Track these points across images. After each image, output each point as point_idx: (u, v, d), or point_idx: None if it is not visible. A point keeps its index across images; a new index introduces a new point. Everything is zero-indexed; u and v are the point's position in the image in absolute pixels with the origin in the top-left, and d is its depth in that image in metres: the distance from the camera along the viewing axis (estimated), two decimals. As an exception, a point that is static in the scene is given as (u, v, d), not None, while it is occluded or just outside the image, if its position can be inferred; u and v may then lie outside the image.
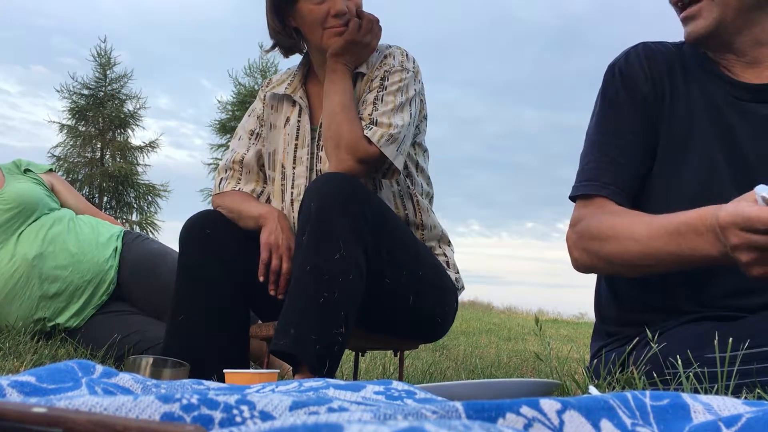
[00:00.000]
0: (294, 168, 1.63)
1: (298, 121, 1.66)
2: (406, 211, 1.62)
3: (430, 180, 1.72)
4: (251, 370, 1.17)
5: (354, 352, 1.83)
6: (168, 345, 1.53)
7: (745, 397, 0.92)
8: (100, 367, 0.82)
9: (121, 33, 32.41)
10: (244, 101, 14.59)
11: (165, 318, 1.68)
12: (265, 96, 1.76)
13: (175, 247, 2.33)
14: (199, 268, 1.55)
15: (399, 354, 1.71)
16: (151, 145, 14.77)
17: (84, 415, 0.45)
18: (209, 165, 15.23)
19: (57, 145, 13.97)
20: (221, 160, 1.79)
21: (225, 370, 1.16)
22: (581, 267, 1.23)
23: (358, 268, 1.31)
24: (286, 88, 1.69)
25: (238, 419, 0.56)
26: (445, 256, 1.67)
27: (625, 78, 1.27)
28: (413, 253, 1.49)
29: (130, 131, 14.54)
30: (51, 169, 2.47)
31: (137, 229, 13.05)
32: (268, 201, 1.71)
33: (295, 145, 1.64)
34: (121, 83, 14.55)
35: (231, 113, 14.94)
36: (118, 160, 14.21)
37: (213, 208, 1.71)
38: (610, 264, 1.18)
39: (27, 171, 2.36)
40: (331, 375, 1.26)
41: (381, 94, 1.54)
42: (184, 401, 0.56)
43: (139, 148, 14.60)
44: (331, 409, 0.61)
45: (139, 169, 14.31)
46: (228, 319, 1.56)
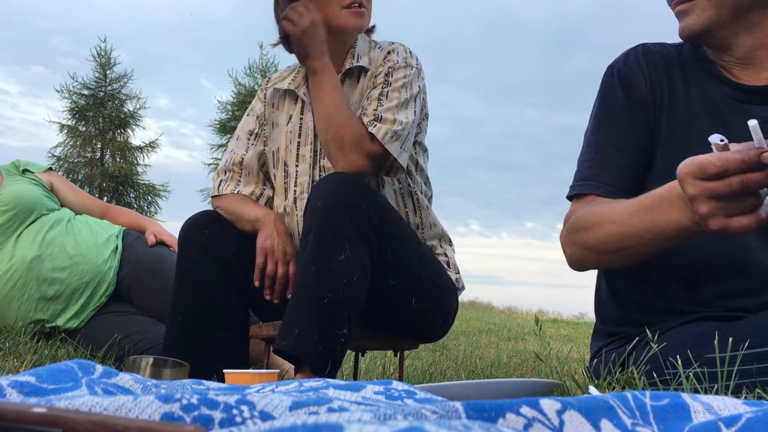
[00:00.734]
0: (297, 166, 1.63)
1: (301, 118, 1.65)
2: (406, 209, 1.62)
3: (429, 180, 1.72)
4: (251, 370, 1.17)
5: (354, 352, 1.83)
6: (168, 345, 1.53)
7: (745, 397, 0.92)
8: (100, 367, 0.82)
9: (121, 33, 32.46)
10: (244, 101, 14.59)
11: (165, 318, 1.68)
12: (265, 94, 1.75)
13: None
14: (198, 268, 1.55)
15: (399, 354, 1.71)
16: (151, 145, 14.78)
17: (84, 415, 0.45)
18: (209, 165, 15.23)
19: (57, 145, 14.00)
20: (220, 160, 1.79)
21: (225, 370, 1.16)
22: (573, 262, 1.23)
23: (363, 269, 1.30)
24: (289, 83, 1.68)
25: (238, 419, 0.56)
26: (446, 256, 1.67)
27: (624, 80, 1.27)
28: (417, 254, 1.49)
29: (130, 131, 14.57)
30: (50, 168, 2.45)
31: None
32: (268, 203, 1.71)
33: (298, 142, 1.64)
34: (121, 83, 14.57)
35: (231, 113, 14.94)
36: (118, 160, 14.23)
37: (212, 209, 1.70)
38: (596, 252, 1.17)
39: (25, 171, 2.35)
40: (333, 375, 1.26)
41: (386, 90, 1.53)
42: (184, 401, 0.56)
43: (139, 148, 14.62)
44: (331, 409, 0.61)
45: (139, 169, 14.33)
46: (228, 319, 1.56)
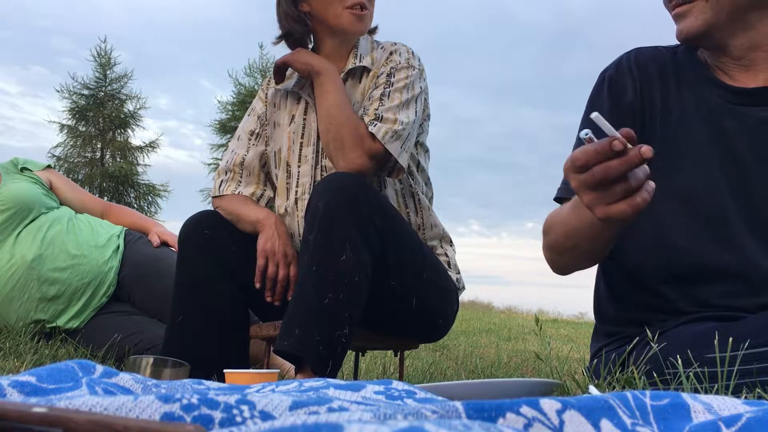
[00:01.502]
0: (299, 166, 1.63)
1: (304, 118, 1.65)
2: (407, 209, 1.62)
3: (430, 180, 1.72)
4: (251, 370, 1.17)
5: (354, 352, 1.83)
6: (168, 345, 1.53)
7: (745, 397, 0.92)
8: (100, 367, 0.82)
9: (120, 33, 32.36)
10: (244, 101, 14.58)
11: (165, 318, 1.68)
12: (266, 94, 1.75)
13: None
14: (198, 268, 1.55)
15: (399, 354, 1.71)
16: (151, 145, 14.77)
17: (84, 415, 0.45)
18: (209, 165, 15.22)
19: (57, 145, 13.98)
20: (221, 161, 1.79)
21: (225, 370, 1.16)
22: (550, 265, 1.26)
23: (364, 270, 1.30)
24: (294, 84, 1.68)
25: (239, 419, 0.56)
26: (447, 257, 1.67)
27: (613, 86, 1.28)
28: (417, 254, 1.49)
29: (130, 131, 14.55)
30: (49, 166, 2.45)
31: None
32: (268, 203, 1.71)
33: (301, 143, 1.64)
34: (121, 83, 14.55)
35: (231, 113, 14.93)
36: (119, 160, 14.22)
37: (213, 209, 1.70)
38: (558, 254, 1.20)
39: (24, 170, 2.34)
40: (333, 375, 1.26)
41: (388, 90, 1.53)
42: (185, 401, 0.56)
43: (139, 148, 14.61)
44: (331, 409, 0.61)
45: (139, 169, 14.31)
46: (228, 319, 1.56)
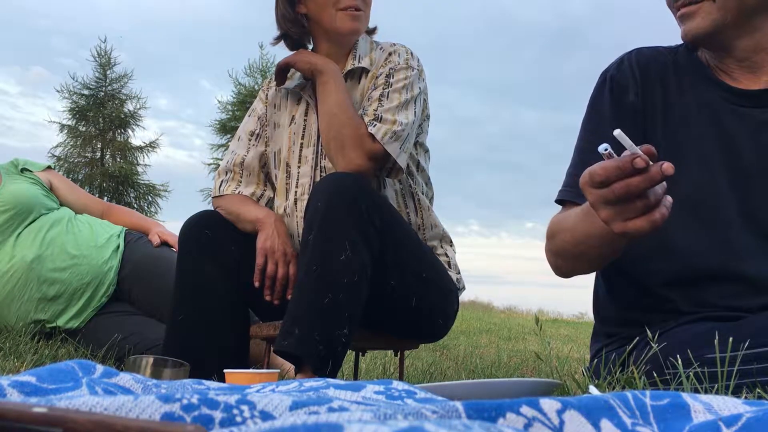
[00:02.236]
0: (299, 167, 1.63)
1: (305, 119, 1.65)
2: (407, 210, 1.62)
3: (430, 180, 1.72)
4: (251, 370, 1.17)
5: (354, 352, 1.83)
6: (168, 345, 1.53)
7: (746, 397, 0.92)
8: (100, 367, 0.82)
9: (120, 33, 32.50)
10: (244, 101, 14.59)
11: (165, 318, 1.68)
12: (266, 95, 1.75)
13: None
14: (198, 268, 1.55)
15: (399, 354, 1.71)
16: (151, 146, 14.78)
17: (84, 415, 0.45)
18: (209, 165, 15.23)
19: (57, 146, 14.01)
20: (221, 161, 1.79)
21: (225, 370, 1.16)
22: (553, 269, 1.26)
23: (364, 270, 1.30)
24: (296, 85, 1.68)
25: (239, 419, 0.56)
26: (447, 257, 1.67)
27: (615, 86, 1.27)
28: (417, 254, 1.49)
29: (130, 131, 14.57)
30: (49, 167, 2.44)
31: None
32: (268, 203, 1.71)
33: (301, 143, 1.64)
34: (121, 83, 14.57)
35: (231, 113, 14.94)
36: (119, 160, 14.23)
37: (213, 209, 1.70)
38: (564, 259, 1.20)
39: (24, 170, 2.34)
40: (333, 375, 1.26)
41: (387, 91, 1.53)
42: (185, 401, 0.56)
43: (139, 148, 14.62)
44: (331, 409, 0.61)
45: (139, 169, 14.32)
46: (228, 319, 1.56)
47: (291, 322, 1.27)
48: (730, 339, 1.00)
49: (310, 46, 1.71)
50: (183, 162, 25.62)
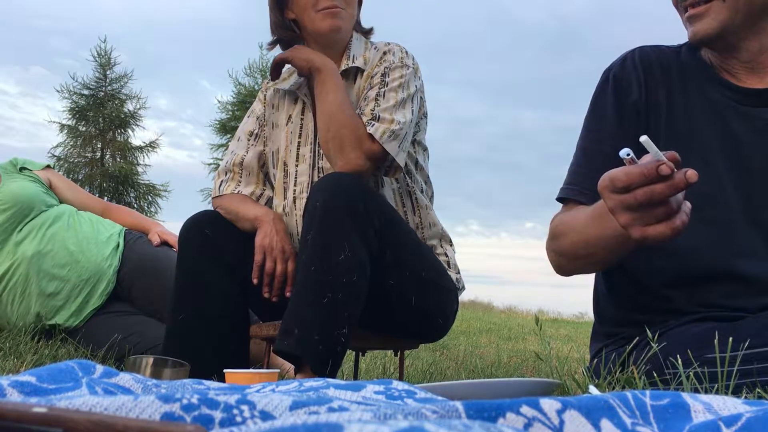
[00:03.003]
0: (297, 166, 1.63)
1: (301, 118, 1.65)
2: (405, 209, 1.62)
3: (429, 179, 1.72)
4: (251, 370, 1.17)
5: (354, 352, 1.83)
6: (168, 345, 1.53)
7: (746, 397, 0.92)
8: (100, 367, 0.82)
9: (120, 34, 32.45)
10: (244, 101, 14.60)
11: (165, 318, 1.68)
12: (265, 96, 1.76)
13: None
14: (198, 267, 1.55)
15: (399, 354, 1.71)
16: (151, 145, 14.79)
17: (84, 415, 0.45)
18: (209, 165, 15.24)
19: (57, 145, 14.01)
20: (221, 161, 1.79)
21: (225, 370, 1.16)
22: (554, 268, 1.26)
23: (363, 269, 1.31)
24: (292, 85, 1.68)
25: (239, 419, 0.56)
26: (446, 256, 1.67)
27: (618, 84, 1.27)
28: (416, 253, 1.49)
29: (130, 131, 14.57)
30: (49, 166, 2.45)
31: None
32: (268, 203, 1.71)
33: (298, 142, 1.64)
34: (121, 83, 14.58)
35: (231, 113, 14.95)
36: (119, 160, 14.23)
37: (213, 209, 1.71)
38: (568, 259, 1.20)
39: (23, 169, 2.35)
40: (333, 375, 1.26)
41: (383, 90, 1.53)
42: (185, 401, 0.56)
43: (139, 148, 14.63)
44: (331, 409, 0.61)
45: (139, 169, 14.33)
46: (228, 319, 1.56)
47: (290, 322, 1.27)
48: (730, 339, 1.00)
49: None
50: (183, 162, 25.63)
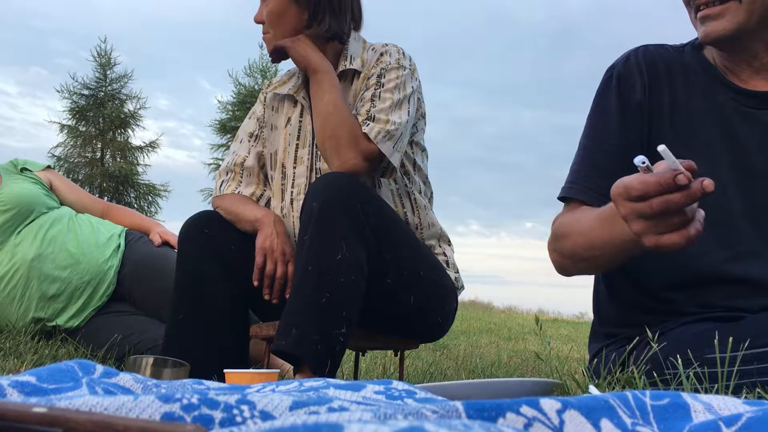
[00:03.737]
0: (294, 168, 1.63)
1: (300, 121, 1.66)
2: (404, 209, 1.62)
3: (428, 179, 1.72)
4: (251, 370, 1.17)
5: (354, 352, 1.83)
6: (168, 345, 1.53)
7: (746, 397, 0.92)
8: (100, 367, 0.82)
9: (119, 34, 32.47)
10: (244, 101, 14.60)
11: (165, 318, 1.68)
12: (265, 98, 1.76)
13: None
14: (198, 267, 1.55)
15: (399, 354, 1.71)
16: (152, 146, 14.79)
17: (84, 415, 0.45)
18: (209, 165, 15.24)
19: (57, 146, 14.02)
20: (222, 161, 1.80)
21: (225, 370, 1.16)
22: (557, 268, 1.25)
23: (360, 269, 1.31)
24: (289, 89, 1.69)
25: (239, 419, 0.56)
26: (445, 256, 1.67)
27: (621, 83, 1.26)
28: (414, 252, 1.49)
29: (130, 131, 14.57)
30: (49, 166, 2.44)
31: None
32: (268, 204, 1.71)
33: (296, 144, 1.64)
34: (121, 83, 14.58)
35: (231, 113, 14.95)
36: (119, 160, 14.23)
37: (213, 209, 1.71)
38: (572, 261, 1.20)
39: (24, 170, 2.34)
40: (332, 375, 1.26)
41: (378, 91, 1.53)
42: (185, 401, 0.56)
43: (140, 148, 14.63)
44: (331, 409, 0.61)
45: (139, 169, 14.33)
46: (228, 319, 1.56)
47: (288, 322, 1.27)
48: (730, 339, 1.00)
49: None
50: (183, 162, 25.64)
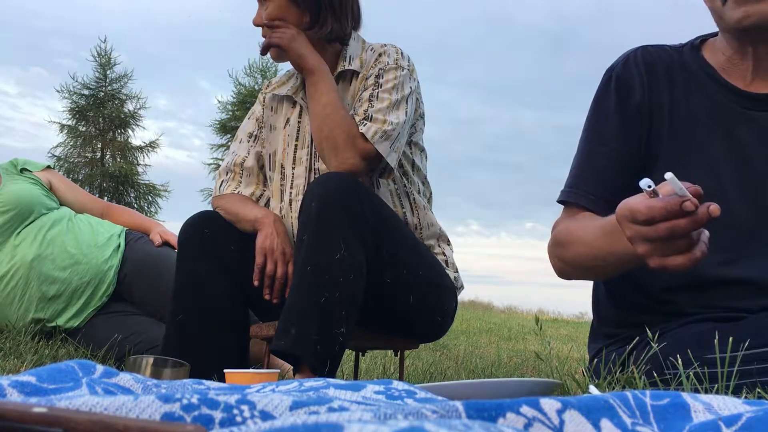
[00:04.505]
0: (293, 168, 1.63)
1: (299, 121, 1.66)
2: (404, 209, 1.62)
3: (427, 180, 1.72)
4: (251, 370, 1.17)
5: (354, 352, 1.83)
6: (168, 345, 1.53)
7: (746, 397, 0.92)
8: (100, 367, 0.82)
9: (119, 34, 32.42)
10: (244, 101, 14.61)
11: (165, 318, 1.68)
12: (264, 98, 1.76)
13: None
14: (198, 268, 1.55)
15: (399, 354, 1.71)
16: (151, 146, 14.79)
17: (84, 415, 0.45)
18: (209, 165, 15.24)
19: (57, 146, 14.02)
20: (222, 161, 1.80)
21: (225, 370, 1.16)
22: (557, 273, 1.26)
23: (359, 268, 1.31)
24: (288, 89, 1.69)
25: (239, 419, 0.56)
26: (444, 255, 1.67)
27: (620, 85, 1.26)
28: (413, 252, 1.49)
29: (130, 131, 14.58)
30: (49, 166, 2.44)
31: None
32: (268, 204, 1.71)
33: (295, 145, 1.64)
34: (122, 83, 14.58)
35: (231, 113, 14.95)
36: (119, 160, 14.23)
37: (212, 209, 1.71)
38: (573, 268, 1.20)
39: (24, 170, 2.33)
40: (332, 375, 1.26)
41: (376, 91, 1.53)
42: (185, 401, 0.56)
43: (139, 148, 14.63)
44: (331, 409, 0.61)
45: (139, 169, 14.33)
46: (228, 319, 1.56)
47: (287, 322, 1.27)
48: (730, 339, 1.00)
49: None
50: (183, 162, 25.63)
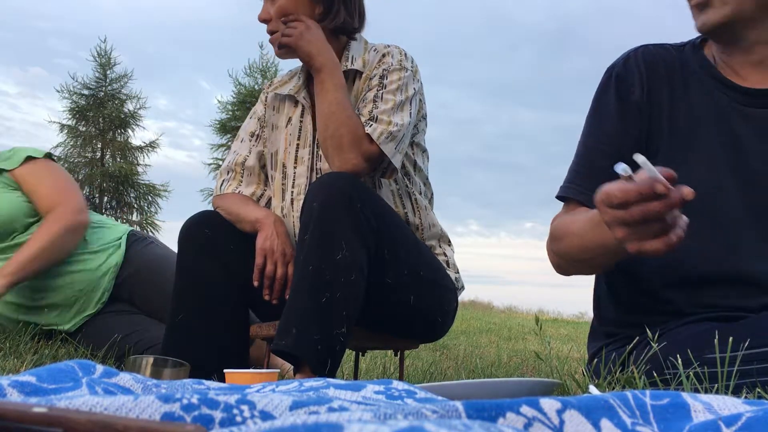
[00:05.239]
0: (295, 167, 1.63)
1: (301, 121, 1.66)
2: (405, 210, 1.62)
3: (428, 180, 1.72)
4: (251, 370, 1.17)
5: (354, 352, 1.83)
6: (168, 345, 1.53)
7: (746, 397, 0.92)
8: (100, 367, 0.82)
9: (119, 34, 32.37)
10: (244, 101, 14.59)
11: (166, 319, 1.67)
12: (266, 97, 1.76)
13: (175, 247, 2.32)
14: (198, 267, 1.55)
15: (399, 354, 1.71)
16: (152, 146, 14.78)
17: (84, 415, 0.45)
18: (209, 165, 15.23)
19: (57, 146, 13.99)
20: (223, 161, 1.79)
21: (225, 370, 1.16)
22: (554, 267, 1.27)
23: (360, 268, 1.31)
24: (290, 89, 1.69)
25: (239, 419, 0.56)
26: (445, 256, 1.67)
27: (621, 84, 1.26)
28: (414, 252, 1.49)
29: (130, 131, 14.56)
30: (30, 156, 2.09)
31: (137, 229, 12.99)
32: (269, 204, 1.71)
33: (297, 144, 1.64)
34: (121, 83, 14.56)
35: (231, 113, 14.93)
36: (119, 160, 14.22)
37: (213, 209, 1.71)
38: (568, 262, 1.21)
39: (1, 171, 2.08)
40: (332, 375, 1.26)
41: (381, 92, 1.53)
42: (185, 401, 0.56)
43: (140, 148, 14.61)
44: (331, 409, 0.61)
45: (139, 169, 14.32)
46: (228, 319, 1.56)
47: (288, 322, 1.27)
48: (730, 339, 1.00)
49: None
50: (183, 162, 25.61)
